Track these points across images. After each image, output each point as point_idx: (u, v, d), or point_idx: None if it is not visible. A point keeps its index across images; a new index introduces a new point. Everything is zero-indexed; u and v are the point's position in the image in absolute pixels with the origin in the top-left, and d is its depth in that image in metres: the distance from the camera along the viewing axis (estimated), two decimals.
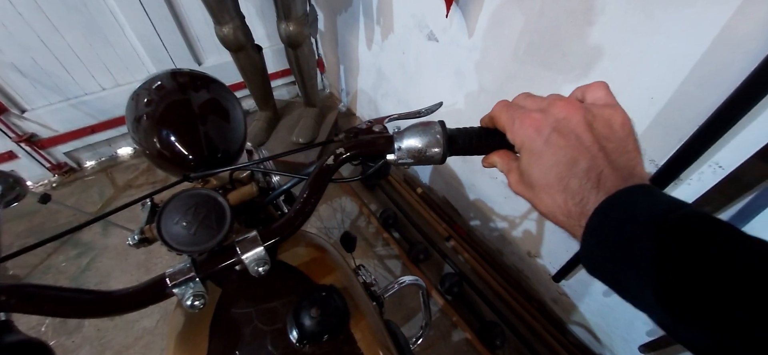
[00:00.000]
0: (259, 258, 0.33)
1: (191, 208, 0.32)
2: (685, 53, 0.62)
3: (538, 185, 0.27)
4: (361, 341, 0.41)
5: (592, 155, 0.24)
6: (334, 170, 0.37)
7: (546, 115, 0.27)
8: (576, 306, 1.19)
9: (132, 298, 0.30)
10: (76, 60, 1.62)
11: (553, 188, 0.26)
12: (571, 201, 0.25)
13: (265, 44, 1.83)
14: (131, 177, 1.89)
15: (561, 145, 0.25)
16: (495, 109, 0.32)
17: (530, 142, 0.27)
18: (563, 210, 0.25)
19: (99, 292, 0.29)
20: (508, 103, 0.31)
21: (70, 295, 0.28)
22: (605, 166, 0.24)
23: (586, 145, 0.25)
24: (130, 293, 0.30)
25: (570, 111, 0.26)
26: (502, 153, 0.34)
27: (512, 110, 0.29)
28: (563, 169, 0.25)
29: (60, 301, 0.27)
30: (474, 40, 1.03)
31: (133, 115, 0.53)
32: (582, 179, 0.24)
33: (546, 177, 0.26)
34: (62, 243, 1.62)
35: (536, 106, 0.29)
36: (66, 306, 0.27)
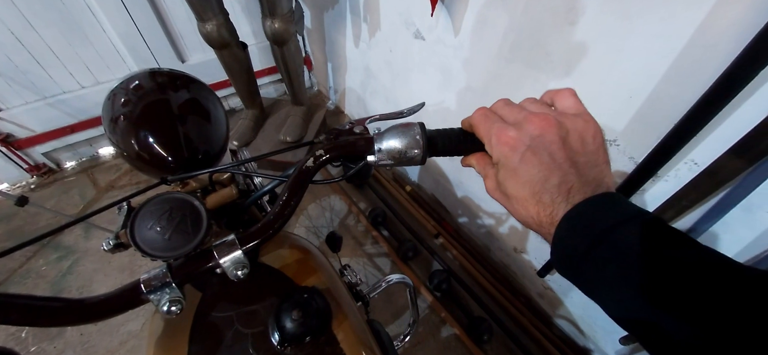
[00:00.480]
0: (238, 262, 0.33)
1: (165, 212, 0.32)
2: (661, 53, 0.64)
3: (513, 197, 0.28)
4: (343, 341, 0.42)
5: (563, 172, 0.26)
6: (313, 172, 0.37)
7: (521, 132, 0.28)
8: (561, 300, 1.22)
9: (105, 305, 0.29)
10: (54, 58, 1.57)
11: (527, 201, 0.27)
12: (542, 212, 0.26)
13: (251, 41, 1.81)
14: (113, 178, 1.84)
15: (535, 164, 0.26)
16: (474, 117, 0.32)
17: (506, 160, 0.28)
18: (535, 220, 0.27)
19: (70, 300, 0.28)
20: (486, 112, 0.32)
21: (39, 303, 0.27)
22: (575, 181, 0.26)
23: (558, 163, 0.26)
24: (103, 300, 0.29)
25: (544, 127, 0.27)
26: (480, 156, 0.35)
27: (490, 123, 0.30)
28: (537, 185, 0.26)
29: (28, 310, 0.26)
30: (460, 38, 1.03)
31: (110, 115, 0.52)
32: (553, 193, 0.26)
33: (521, 191, 0.27)
34: (42, 246, 1.57)
35: (513, 118, 0.29)
36: (34, 315, 0.27)
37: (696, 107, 0.59)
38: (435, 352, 1.30)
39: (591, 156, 0.27)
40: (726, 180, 0.65)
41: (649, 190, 0.77)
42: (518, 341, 1.25)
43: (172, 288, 0.31)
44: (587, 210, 0.24)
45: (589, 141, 0.27)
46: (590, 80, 0.78)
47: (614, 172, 0.82)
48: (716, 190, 0.67)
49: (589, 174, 0.26)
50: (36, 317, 0.27)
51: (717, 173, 0.66)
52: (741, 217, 0.65)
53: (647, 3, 0.63)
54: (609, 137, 0.79)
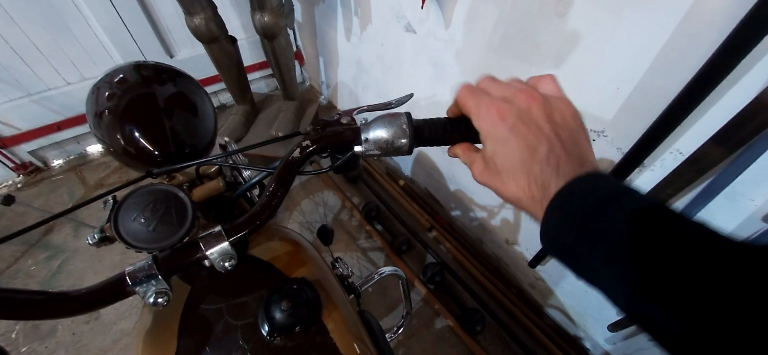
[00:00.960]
0: (225, 253, 0.33)
1: (149, 204, 0.31)
2: (647, 45, 0.65)
3: (504, 170, 0.29)
4: (333, 331, 0.42)
5: (550, 143, 0.27)
6: (300, 163, 0.37)
7: (510, 104, 0.28)
8: (552, 290, 1.24)
9: (89, 297, 0.29)
10: (37, 54, 1.53)
11: (518, 172, 0.28)
12: (534, 184, 0.27)
13: (241, 35, 1.78)
14: (102, 175, 1.82)
15: (524, 133, 0.27)
16: (460, 93, 0.32)
17: (495, 130, 0.29)
18: (527, 193, 0.27)
19: (53, 292, 0.28)
20: (472, 87, 0.32)
21: (21, 296, 0.27)
22: (562, 153, 0.27)
23: (545, 134, 0.27)
24: (87, 292, 0.29)
25: (531, 102, 0.28)
26: (464, 146, 0.36)
27: (478, 96, 0.31)
28: (526, 154, 0.27)
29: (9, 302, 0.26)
30: (450, 31, 1.03)
31: (94, 109, 0.51)
32: (543, 163, 0.26)
33: (511, 162, 0.28)
34: (31, 246, 1.55)
35: (500, 93, 0.30)
36: (16, 307, 0.26)
37: (680, 97, 0.60)
38: (429, 344, 1.31)
39: (573, 133, 0.28)
40: (708, 167, 0.66)
41: (635, 179, 0.79)
42: (510, 331, 1.27)
43: (158, 280, 0.31)
44: (576, 190, 0.25)
45: (569, 119, 0.28)
46: (579, 72, 0.78)
47: (602, 162, 0.83)
48: (699, 177, 0.69)
49: (573, 149, 0.27)
50: (18, 310, 0.26)
51: (700, 161, 0.67)
52: (725, 205, 0.67)
53: None
54: (597, 128, 0.80)
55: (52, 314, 0.27)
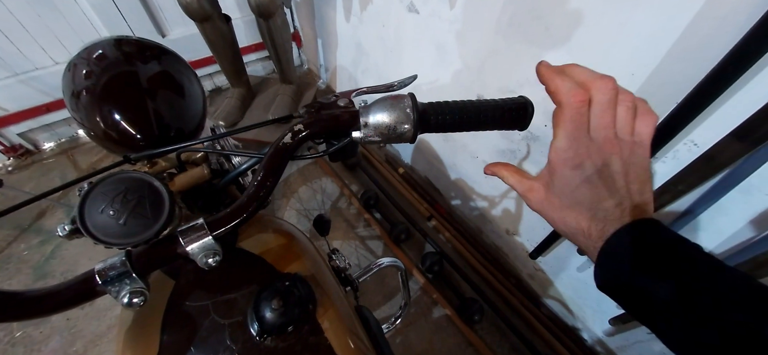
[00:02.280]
0: (207, 248, 0.29)
1: (120, 194, 0.28)
2: (667, 27, 0.60)
3: (569, 209, 0.30)
4: (328, 330, 0.39)
5: (621, 196, 0.28)
6: (292, 149, 0.33)
7: (593, 156, 0.28)
8: (551, 281, 1.23)
9: (53, 298, 0.26)
10: (23, 31, 1.47)
11: (582, 214, 0.29)
12: (594, 226, 0.28)
13: (235, 14, 1.71)
14: (95, 160, 1.77)
15: (598, 186, 0.28)
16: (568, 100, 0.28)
17: (571, 174, 0.29)
18: (585, 232, 0.29)
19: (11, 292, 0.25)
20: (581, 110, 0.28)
21: None
22: (628, 205, 0.28)
23: (618, 188, 0.28)
24: (50, 292, 0.25)
25: (613, 154, 0.28)
26: (513, 171, 0.35)
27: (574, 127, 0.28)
28: (595, 203, 0.28)
29: None
30: (455, 12, 0.98)
31: (71, 89, 0.47)
32: (609, 211, 0.28)
33: (578, 206, 0.29)
34: (23, 231, 1.52)
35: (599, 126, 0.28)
36: None
37: (702, 85, 0.56)
38: (427, 333, 1.31)
39: (642, 185, 0.29)
40: (725, 164, 0.63)
41: None
42: (508, 321, 1.26)
43: (133, 278, 0.28)
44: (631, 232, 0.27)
45: (643, 173, 0.29)
46: (591, 56, 0.74)
47: None
48: (714, 174, 0.65)
49: (639, 200, 0.28)
50: None
51: (717, 157, 0.63)
52: (739, 199, 0.64)
53: None
54: None
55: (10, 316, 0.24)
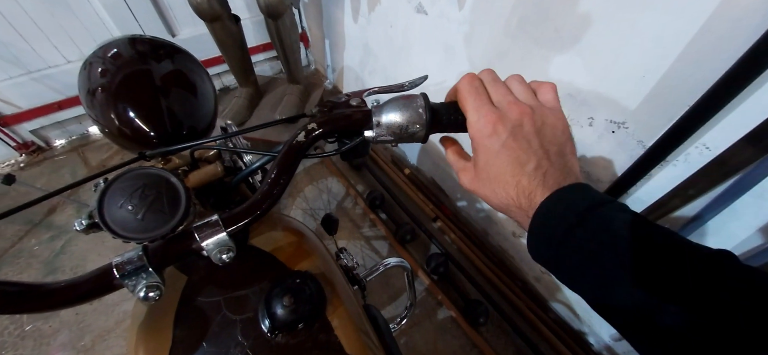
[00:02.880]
0: (222, 245, 0.30)
1: (138, 189, 0.28)
2: (679, 29, 0.60)
3: (494, 180, 0.30)
4: (338, 328, 0.39)
5: (538, 158, 0.29)
6: (306, 148, 0.33)
7: (504, 118, 0.30)
8: (558, 285, 1.22)
9: (71, 291, 0.26)
10: (37, 30, 1.49)
11: (508, 183, 0.29)
12: (522, 195, 0.29)
13: (244, 15, 1.72)
14: (105, 157, 1.80)
15: (514, 149, 0.29)
16: (461, 86, 0.33)
17: (488, 142, 0.30)
18: (515, 203, 0.29)
19: (30, 284, 0.25)
20: (474, 82, 0.33)
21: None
22: (549, 167, 0.29)
23: (534, 149, 0.29)
24: (69, 285, 0.26)
25: (523, 116, 0.30)
26: (455, 151, 0.38)
27: (478, 99, 0.32)
28: (516, 168, 0.29)
29: None
30: (464, 13, 0.98)
31: (87, 86, 0.48)
32: (531, 176, 0.28)
33: (501, 174, 0.30)
34: (34, 226, 1.55)
35: (497, 96, 0.32)
36: None
37: (716, 87, 0.56)
38: (431, 334, 1.30)
39: (561, 147, 0.30)
40: (737, 168, 0.62)
41: (655, 175, 0.75)
42: (514, 324, 1.26)
43: (149, 273, 0.28)
44: (564, 196, 0.27)
45: (559, 134, 0.31)
46: (601, 59, 0.74)
47: (621, 157, 0.79)
48: (726, 179, 0.65)
49: (559, 161, 0.29)
50: None
51: (728, 161, 0.63)
52: (752, 204, 0.63)
53: None
54: (617, 119, 0.76)
55: (27, 308, 0.25)
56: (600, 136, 0.81)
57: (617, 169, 0.81)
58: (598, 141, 0.82)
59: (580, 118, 0.83)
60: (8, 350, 1.24)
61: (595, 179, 0.87)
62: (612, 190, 0.81)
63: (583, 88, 0.80)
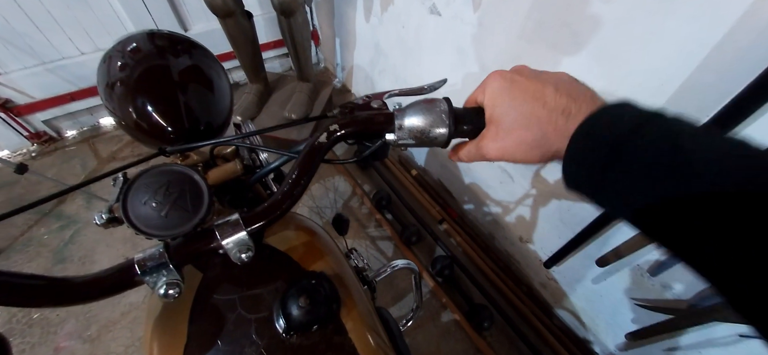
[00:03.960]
0: (242, 244, 0.30)
1: (162, 186, 0.28)
2: (700, 38, 0.59)
3: (517, 124, 0.29)
4: (352, 330, 0.39)
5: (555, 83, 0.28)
6: (326, 149, 0.33)
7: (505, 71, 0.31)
8: (564, 291, 1.21)
9: (94, 286, 0.26)
10: (53, 22, 1.51)
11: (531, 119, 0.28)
12: (555, 112, 0.27)
13: (257, 11, 1.73)
14: (115, 149, 1.82)
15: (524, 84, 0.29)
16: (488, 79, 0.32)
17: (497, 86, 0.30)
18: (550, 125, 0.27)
19: (55, 278, 0.25)
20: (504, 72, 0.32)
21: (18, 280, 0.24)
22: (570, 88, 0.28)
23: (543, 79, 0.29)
24: (92, 280, 0.26)
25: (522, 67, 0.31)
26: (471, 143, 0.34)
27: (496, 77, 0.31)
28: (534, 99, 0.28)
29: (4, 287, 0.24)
30: (479, 14, 0.98)
31: (106, 80, 0.48)
32: (555, 97, 0.27)
33: (522, 112, 0.28)
34: (43, 215, 1.56)
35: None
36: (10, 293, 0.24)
37: (737, 99, 0.55)
38: (434, 336, 1.30)
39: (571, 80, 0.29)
40: None
41: None
42: (518, 330, 1.25)
43: (170, 270, 0.28)
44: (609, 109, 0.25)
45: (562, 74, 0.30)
46: (619, 65, 0.73)
47: None
48: None
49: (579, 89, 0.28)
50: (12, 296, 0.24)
51: None
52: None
53: None
54: None
55: (52, 302, 0.25)
56: None
57: None
58: None
59: None
60: (16, 336, 1.25)
61: None
62: None
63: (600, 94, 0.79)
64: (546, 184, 1.03)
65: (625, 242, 0.86)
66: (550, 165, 0.99)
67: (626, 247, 0.86)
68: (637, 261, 0.87)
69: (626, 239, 0.85)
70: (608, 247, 0.92)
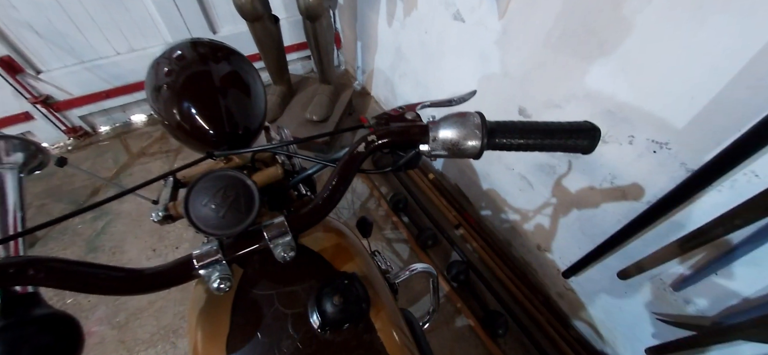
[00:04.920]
0: (287, 244, 0.32)
1: (220, 190, 0.31)
2: (734, 52, 0.58)
3: None
4: (380, 329, 0.41)
5: None
6: (364, 158, 0.35)
7: None
8: (582, 302, 1.19)
9: (160, 277, 0.29)
10: (92, 22, 1.60)
11: None
12: None
13: (282, 15, 1.78)
14: (145, 145, 1.90)
15: None
16: None
17: None
18: None
19: (130, 270, 0.28)
20: None
21: (101, 272, 0.27)
22: None
23: None
24: (159, 272, 0.29)
25: None
26: None
27: None
28: None
29: (89, 278, 0.27)
30: (504, 22, 0.98)
31: (153, 84, 0.52)
32: None
33: None
34: (78, 206, 1.65)
35: None
36: (94, 283, 0.27)
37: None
38: (448, 341, 1.30)
39: None
40: None
41: (698, 199, 0.72)
42: (533, 339, 1.24)
43: (223, 265, 0.31)
44: None
45: None
46: (647, 77, 0.72)
47: (662, 178, 0.77)
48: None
49: None
50: (96, 286, 0.27)
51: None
52: None
53: None
54: (660, 139, 0.74)
55: (127, 291, 0.28)
56: (640, 156, 0.79)
57: (657, 190, 0.79)
58: (638, 160, 0.80)
59: (619, 135, 0.81)
60: None
61: (631, 198, 0.85)
62: (650, 212, 0.79)
63: (625, 105, 0.78)
64: (567, 193, 1.03)
65: (648, 255, 0.85)
66: (571, 173, 0.99)
67: (649, 260, 0.85)
68: (660, 275, 0.85)
69: (649, 251, 0.84)
70: (630, 259, 0.90)
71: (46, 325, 0.29)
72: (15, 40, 1.52)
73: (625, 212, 0.87)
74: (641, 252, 0.86)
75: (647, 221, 0.80)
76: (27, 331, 0.28)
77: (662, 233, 0.80)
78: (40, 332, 0.28)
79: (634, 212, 0.84)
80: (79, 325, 0.30)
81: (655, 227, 0.81)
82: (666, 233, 0.79)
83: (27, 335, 0.27)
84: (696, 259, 0.77)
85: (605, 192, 0.90)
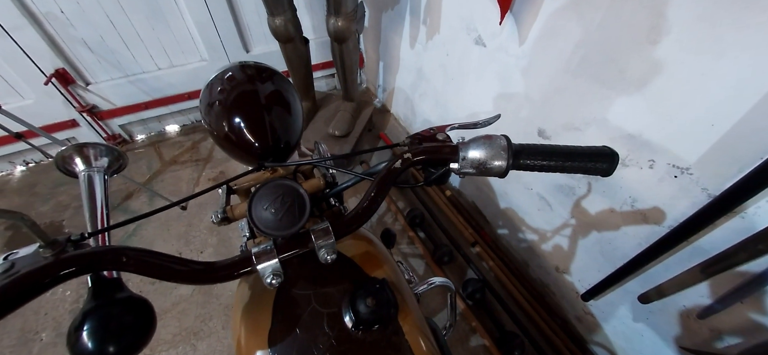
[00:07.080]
0: (330, 247, 0.36)
1: (279, 197, 0.36)
2: (754, 81, 0.60)
3: None
4: (408, 333, 0.44)
5: None
6: (400, 173, 0.39)
7: None
8: (601, 327, 1.17)
9: (226, 269, 0.34)
10: (138, 40, 1.75)
11: None
12: None
13: (311, 36, 1.89)
14: (176, 153, 2.02)
15: None
16: None
17: None
18: None
19: (206, 263, 0.33)
20: None
21: (181, 264, 0.32)
22: None
23: None
24: (227, 265, 0.34)
25: None
26: None
27: None
28: None
29: (172, 268, 0.32)
30: (524, 48, 1.02)
31: (207, 100, 0.58)
32: None
33: None
34: (112, 209, 1.76)
35: None
36: (176, 273, 0.32)
37: None
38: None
39: None
40: None
41: (721, 225, 0.72)
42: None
43: (275, 263, 0.35)
44: None
45: None
46: (668, 103, 0.74)
47: (683, 203, 0.77)
48: None
49: None
50: (179, 275, 0.32)
51: None
52: None
53: (744, 27, 0.59)
54: (681, 164, 0.75)
55: (204, 280, 0.33)
56: (660, 180, 0.80)
57: (678, 215, 0.79)
58: (659, 184, 0.81)
59: (639, 159, 0.83)
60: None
61: (652, 222, 0.85)
62: (671, 236, 0.79)
63: (645, 130, 0.80)
64: (586, 214, 1.03)
65: (669, 279, 0.84)
66: (591, 195, 1.00)
67: (670, 284, 0.84)
68: (683, 301, 0.84)
69: (671, 276, 0.84)
70: (651, 283, 0.90)
71: (128, 306, 0.34)
72: (70, 54, 1.67)
73: (645, 236, 0.87)
74: (662, 276, 0.86)
75: (668, 245, 0.80)
76: (114, 310, 0.33)
77: (684, 258, 0.80)
78: (124, 313, 0.33)
79: (654, 235, 0.84)
80: (153, 308, 0.35)
81: (677, 252, 0.81)
82: (688, 258, 0.79)
83: (114, 314, 0.32)
84: (720, 285, 0.76)
85: (625, 215, 0.91)
